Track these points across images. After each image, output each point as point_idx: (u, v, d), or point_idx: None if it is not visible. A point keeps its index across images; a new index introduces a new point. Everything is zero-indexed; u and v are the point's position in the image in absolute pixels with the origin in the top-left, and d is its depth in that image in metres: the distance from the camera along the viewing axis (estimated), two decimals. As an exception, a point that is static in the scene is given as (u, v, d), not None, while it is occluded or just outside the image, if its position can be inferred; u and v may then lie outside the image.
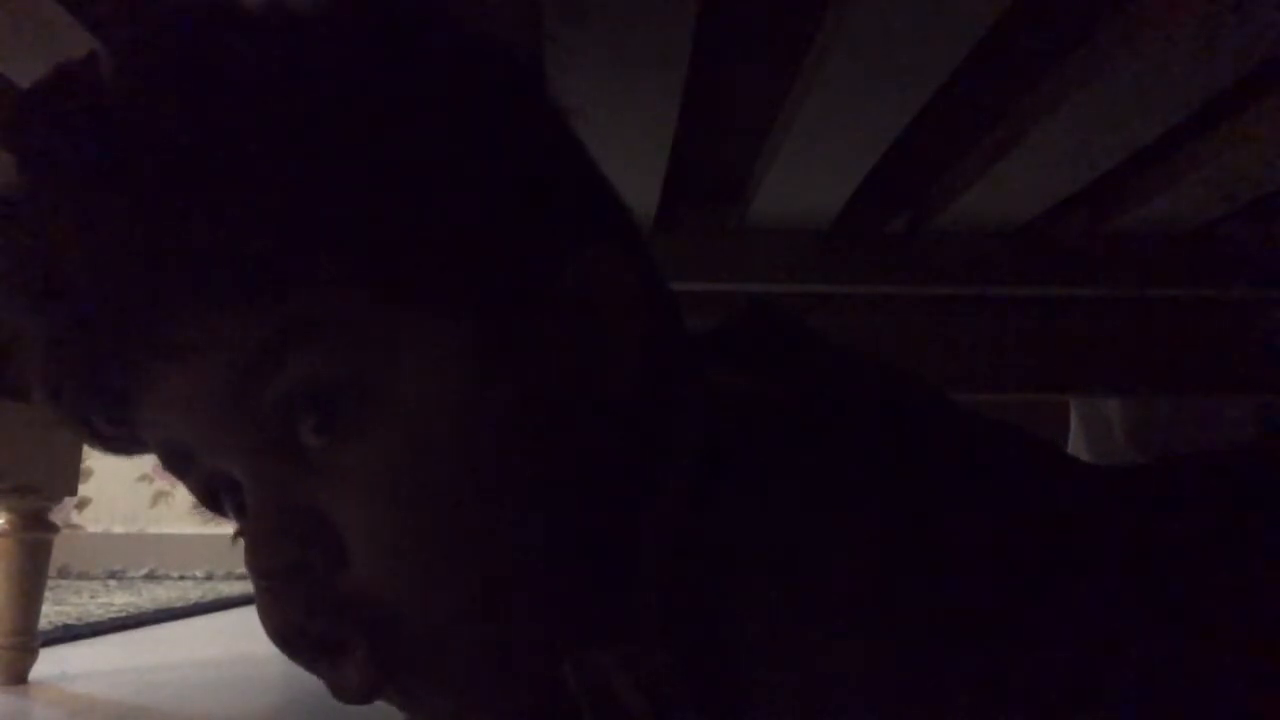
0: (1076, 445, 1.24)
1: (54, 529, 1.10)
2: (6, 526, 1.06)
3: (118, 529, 2.80)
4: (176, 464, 0.35)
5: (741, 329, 0.39)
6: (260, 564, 0.32)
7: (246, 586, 1.90)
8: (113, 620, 1.59)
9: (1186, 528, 0.32)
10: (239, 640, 1.59)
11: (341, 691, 0.33)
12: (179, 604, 1.87)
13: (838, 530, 0.29)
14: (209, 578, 2.53)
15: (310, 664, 0.34)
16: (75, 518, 2.75)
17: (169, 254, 0.30)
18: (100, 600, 1.88)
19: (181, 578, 2.52)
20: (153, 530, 2.81)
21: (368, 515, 0.31)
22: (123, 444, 0.36)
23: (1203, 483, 0.36)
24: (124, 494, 2.83)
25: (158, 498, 2.85)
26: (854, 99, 0.62)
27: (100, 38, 0.53)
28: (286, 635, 0.33)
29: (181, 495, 2.92)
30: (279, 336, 0.31)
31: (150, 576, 2.58)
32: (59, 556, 1.60)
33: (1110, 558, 0.30)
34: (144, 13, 0.33)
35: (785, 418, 0.33)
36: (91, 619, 1.55)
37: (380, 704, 0.34)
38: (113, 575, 2.59)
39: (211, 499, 0.36)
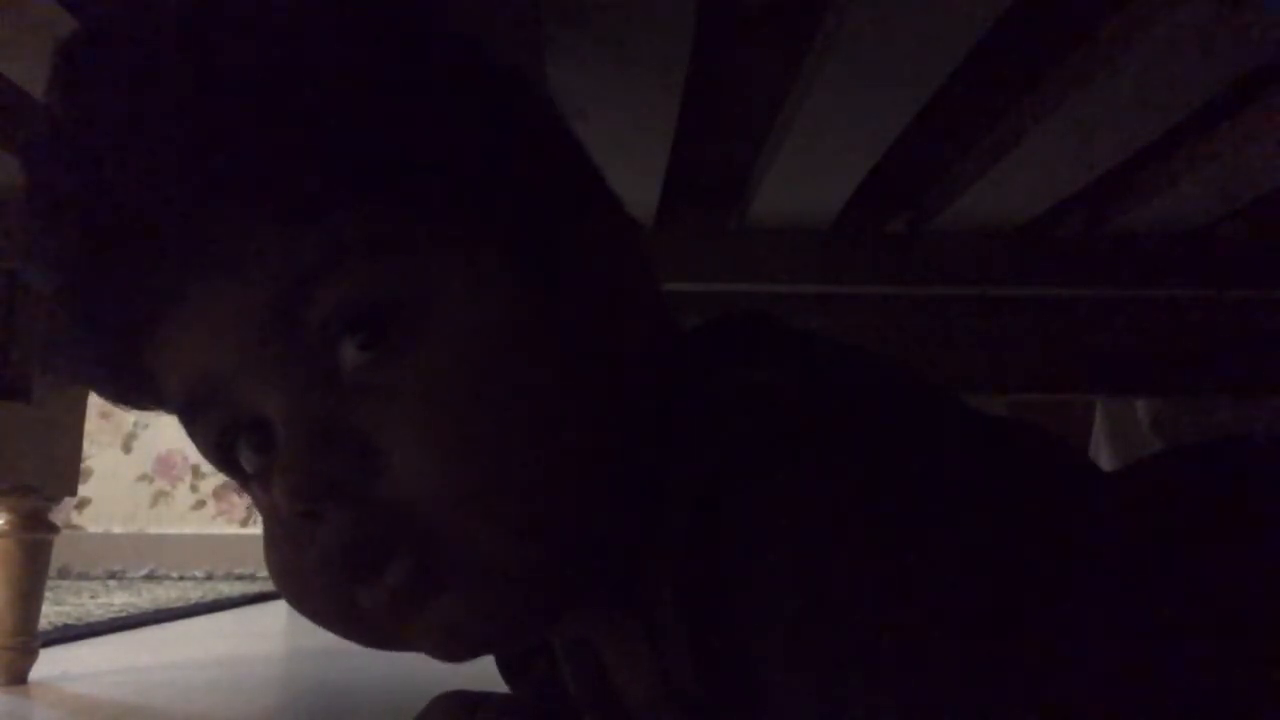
0: (1101, 439, 1.24)
1: (54, 529, 1.10)
2: (6, 526, 1.06)
3: (118, 529, 2.80)
4: (199, 400, 0.34)
5: (727, 327, 0.39)
6: (300, 485, 0.31)
7: (246, 587, 1.89)
8: (113, 620, 1.59)
9: (1192, 523, 0.32)
10: (239, 640, 1.59)
11: (377, 614, 0.33)
12: (179, 604, 1.87)
13: (846, 526, 0.29)
14: (209, 578, 2.53)
15: (346, 590, 0.33)
16: (75, 518, 2.75)
17: (222, 164, 0.31)
18: (100, 600, 1.88)
19: (181, 578, 2.52)
20: (153, 530, 2.81)
21: (413, 425, 0.31)
22: (128, 388, 0.36)
23: (1210, 476, 0.36)
24: (124, 494, 2.83)
25: (158, 498, 2.85)
26: (854, 99, 0.62)
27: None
28: (328, 558, 0.32)
29: (181, 495, 2.92)
30: (331, 252, 0.31)
31: (150, 576, 2.58)
32: (59, 556, 1.61)
33: (1115, 553, 0.30)
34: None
35: (793, 407, 0.33)
36: (91, 619, 1.55)
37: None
38: (113, 575, 2.59)
39: (224, 447, 0.35)
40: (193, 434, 0.35)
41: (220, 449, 0.35)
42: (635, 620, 0.35)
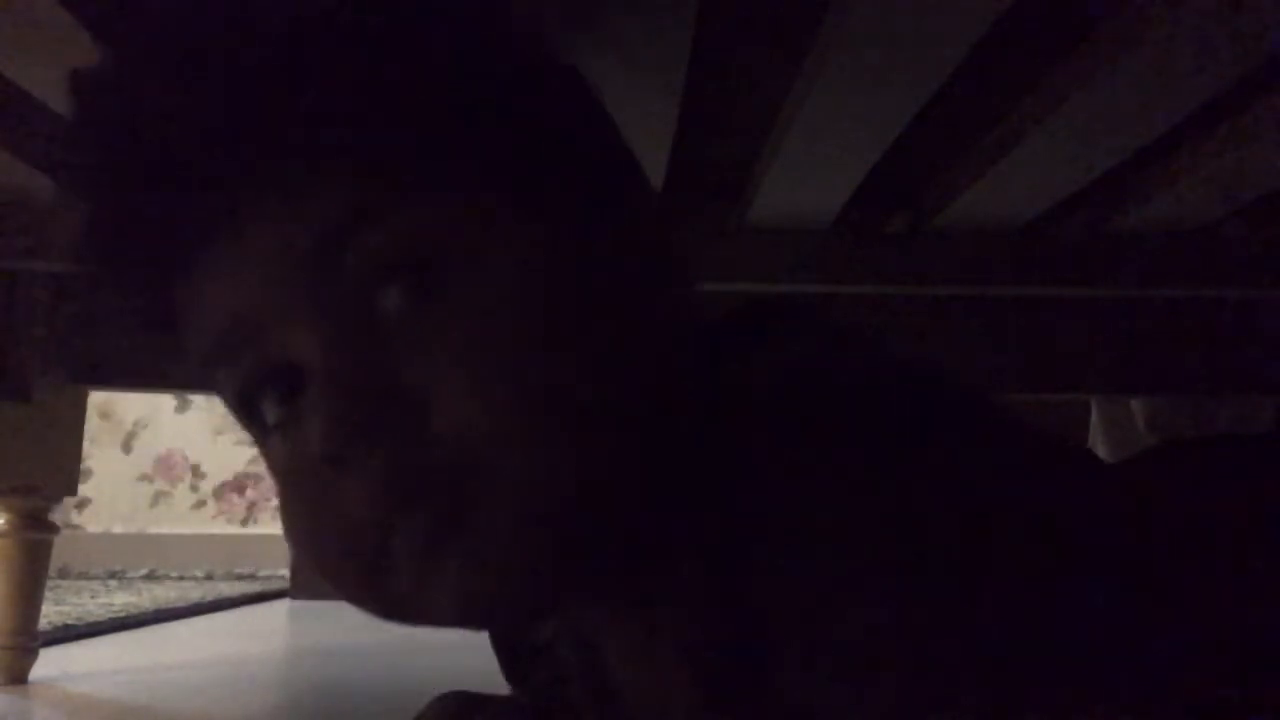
0: (1097, 438, 1.24)
1: (54, 529, 1.10)
2: (6, 526, 1.06)
3: (118, 529, 2.80)
4: (227, 344, 0.34)
5: (752, 321, 0.39)
6: (333, 427, 0.31)
7: (246, 587, 1.89)
8: (113, 620, 1.58)
9: (1188, 517, 0.33)
10: (239, 640, 1.59)
11: (396, 572, 0.32)
12: (179, 604, 1.87)
13: (866, 508, 0.30)
14: (209, 578, 2.53)
15: (367, 546, 0.32)
16: (75, 518, 2.75)
17: (275, 101, 0.31)
18: (100, 600, 1.87)
19: (181, 578, 2.52)
20: (153, 530, 2.81)
21: (457, 364, 0.31)
22: (150, 318, 0.36)
23: (1204, 472, 0.36)
24: (124, 494, 2.83)
25: (158, 498, 2.85)
26: (854, 99, 0.62)
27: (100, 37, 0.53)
28: (353, 507, 0.32)
29: (181, 495, 2.92)
30: (378, 198, 0.32)
31: (150, 576, 2.57)
32: (59, 556, 1.60)
33: (1121, 543, 0.30)
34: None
35: (809, 402, 0.33)
36: (91, 619, 1.55)
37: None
38: (113, 575, 2.58)
39: (247, 396, 0.34)
40: (216, 381, 0.35)
41: (243, 397, 0.34)
42: (640, 619, 0.35)
